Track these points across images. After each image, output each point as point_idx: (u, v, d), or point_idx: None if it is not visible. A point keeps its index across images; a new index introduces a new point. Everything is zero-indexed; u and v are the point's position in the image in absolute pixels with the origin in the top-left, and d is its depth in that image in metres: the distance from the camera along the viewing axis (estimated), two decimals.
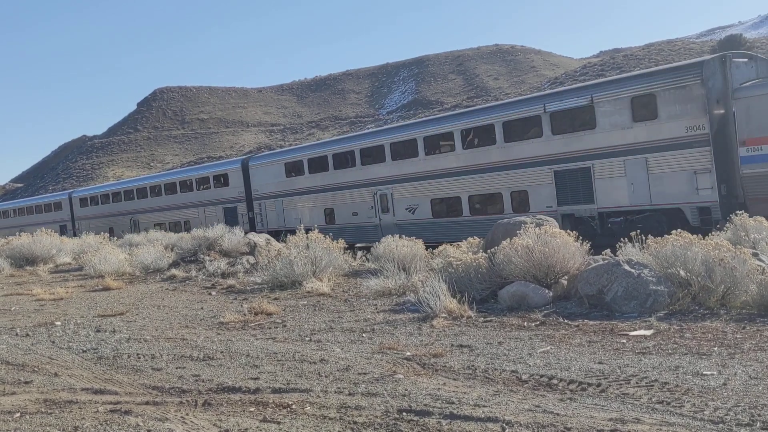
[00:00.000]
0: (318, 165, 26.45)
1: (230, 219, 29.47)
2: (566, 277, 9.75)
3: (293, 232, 16.21)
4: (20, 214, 50.85)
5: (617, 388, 5.37)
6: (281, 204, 28.01)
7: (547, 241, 9.88)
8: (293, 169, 27.71)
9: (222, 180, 31.55)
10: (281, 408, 5.35)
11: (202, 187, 32.88)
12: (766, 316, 7.50)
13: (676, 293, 8.36)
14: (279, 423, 5.01)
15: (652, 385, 5.37)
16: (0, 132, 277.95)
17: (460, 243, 14.62)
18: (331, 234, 15.03)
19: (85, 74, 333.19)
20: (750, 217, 12.02)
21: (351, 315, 9.92)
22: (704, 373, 5.62)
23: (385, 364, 6.66)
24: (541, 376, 5.89)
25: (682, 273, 8.46)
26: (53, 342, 9.12)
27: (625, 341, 6.99)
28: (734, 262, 8.12)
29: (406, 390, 5.65)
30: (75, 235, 37.26)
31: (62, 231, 40.22)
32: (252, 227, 28.11)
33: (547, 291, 9.42)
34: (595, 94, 17.51)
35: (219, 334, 9.10)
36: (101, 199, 41.67)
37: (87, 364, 7.58)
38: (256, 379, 6.38)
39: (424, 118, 29.89)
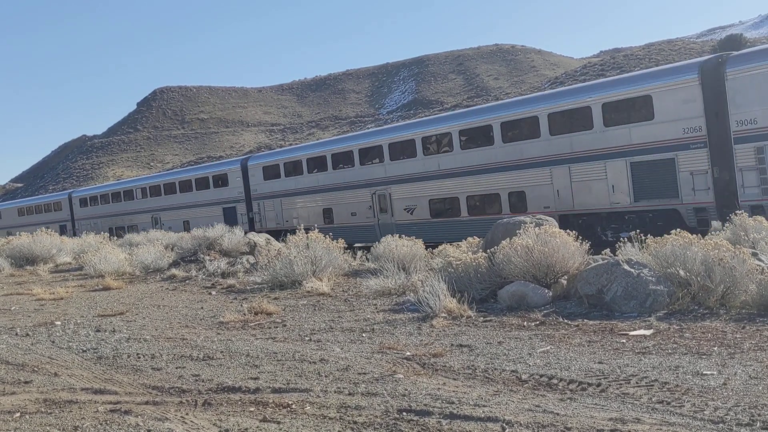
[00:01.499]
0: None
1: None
2: (566, 277, 9.75)
3: (293, 231, 16.23)
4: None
5: (617, 388, 5.37)
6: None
7: (547, 240, 9.89)
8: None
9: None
10: (281, 408, 5.36)
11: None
12: (766, 316, 7.50)
13: (676, 293, 8.37)
14: (279, 423, 5.02)
15: (652, 385, 5.37)
16: (0, 132, 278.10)
17: (460, 243, 14.63)
18: (330, 234, 15.06)
19: (85, 74, 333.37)
20: None
21: (351, 315, 9.92)
22: (704, 372, 5.62)
23: (384, 363, 6.66)
24: (541, 375, 5.89)
25: (681, 273, 8.46)
26: (53, 342, 9.12)
27: (624, 341, 6.99)
28: (734, 261, 8.12)
29: (406, 390, 5.65)
30: (75, 234, 37.29)
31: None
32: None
33: (546, 291, 9.42)
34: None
35: (219, 333, 9.11)
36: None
37: (87, 364, 7.58)
38: (256, 378, 6.38)
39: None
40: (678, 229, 9.25)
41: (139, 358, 7.74)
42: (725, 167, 15.33)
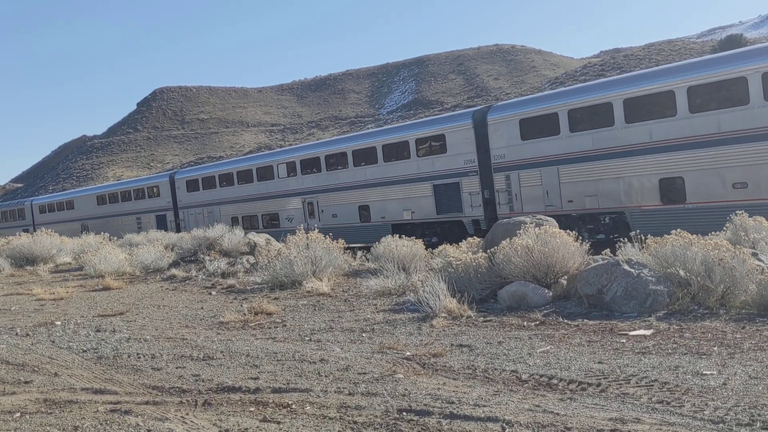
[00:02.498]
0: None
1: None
2: (566, 277, 9.75)
3: None
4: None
5: (617, 388, 5.37)
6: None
7: (547, 240, 9.89)
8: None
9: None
10: (281, 408, 5.36)
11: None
12: (766, 316, 7.50)
13: (676, 293, 8.37)
14: (279, 423, 5.02)
15: (652, 385, 5.37)
16: (0, 132, 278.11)
17: (460, 243, 14.65)
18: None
19: (85, 74, 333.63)
20: None
21: (351, 315, 9.92)
22: (704, 372, 5.62)
23: (385, 363, 6.67)
24: (541, 375, 5.89)
25: (681, 273, 8.46)
26: (53, 342, 9.12)
27: (624, 341, 6.99)
28: (734, 261, 8.12)
29: (406, 390, 5.65)
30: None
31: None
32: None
33: (546, 291, 9.42)
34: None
35: (219, 333, 9.11)
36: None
37: (87, 364, 7.58)
38: (256, 378, 6.38)
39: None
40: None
41: (139, 358, 7.74)
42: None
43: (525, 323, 8.28)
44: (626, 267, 8.68)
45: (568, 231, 10.42)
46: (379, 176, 23.37)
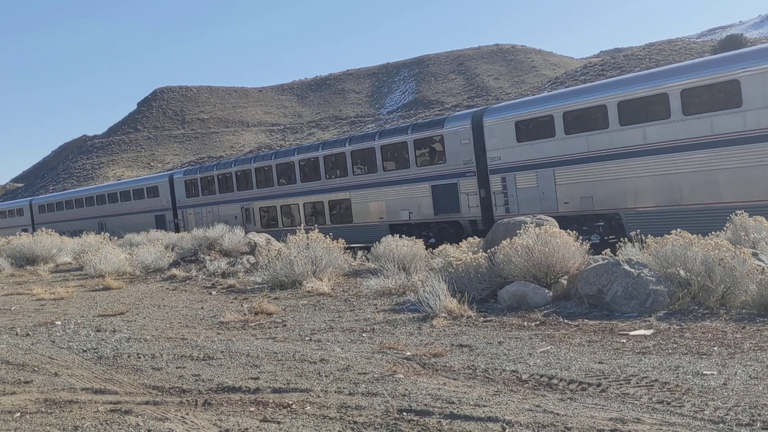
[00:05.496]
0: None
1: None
2: (566, 277, 9.75)
3: None
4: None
5: (617, 388, 5.37)
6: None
7: (547, 240, 9.88)
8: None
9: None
10: (281, 408, 5.36)
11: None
12: (766, 316, 7.50)
13: (676, 293, 8.36)
14: (279, 423, 5.02)
15: (652, 385, 5.37)
16: (0, 132, 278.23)
17: (460, 243, 14.64)
18: None
19: (85, 74, 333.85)
20: None
21: (351, 315, 9.92)
22: (704, 372, 5.62)
23: (385, 363, 6.66)
24: (541, 375, 5.89)
25: (681, 273, 8.46)
26: (53, 342, 9.12)
27: (625, 341, 6.99)
28: (734, 261, 8.12)
29: (406, 390, 5.65)
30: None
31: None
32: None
33: (546, 291, 9.42)
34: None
35: (219, 333, 9.11)
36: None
37: (87, 364, 7.58)
38: (256, 378, 6.38)
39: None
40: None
41: (139, 358, 7.74)
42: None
43: (525, 323, 8.28)
44: (626, 267, 8.68)
45: (567, 231, 10.42)
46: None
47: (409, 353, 7.05)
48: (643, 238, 10.00)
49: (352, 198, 24.32)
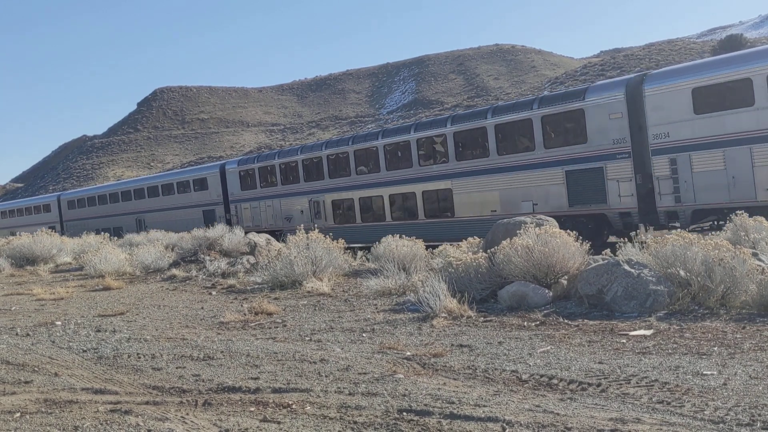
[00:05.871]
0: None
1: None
2: (566, 277, 9.75)
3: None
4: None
5: (617, 388, 5.37)
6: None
7: (547, 240, 9.88)
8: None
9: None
10: (281, 408, 5.36)
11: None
12: (766, 316, 7.50)
13: (676, 293, 8.36)
14: (279, 423, 5.02)
15: (652, 385, 5.37)
16: (0, 132, 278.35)
17: (460, 243, 14.64)
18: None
19: (85, 74, 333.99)
20: None
21: (351, 315, 9.92)
22: (704, 373, 5.62)
23: (385, 363, 6.66)
24: (541, 375, 5.89)
25: (681, 273, 8.46)
26: (53, 342, 9.13)
27: (625, 341, 6.99)
28: (734, 261, 8.12)
29: (407, 390, 5.65)
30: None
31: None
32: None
33: (547, 291, 9.42)
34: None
35: (219, 333, 9.11)
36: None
37: (87, 364, 7.58)
38: (256, 378, 6.38)
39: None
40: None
41: (139, 358, 7.74)
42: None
43: (525, 323, 8.28)
44: (626, 267, 8.68)
45: (568, 231, 10.36)
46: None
47: (409, 353, 7.05)
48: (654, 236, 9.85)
49: (453, 188, 21.12)
